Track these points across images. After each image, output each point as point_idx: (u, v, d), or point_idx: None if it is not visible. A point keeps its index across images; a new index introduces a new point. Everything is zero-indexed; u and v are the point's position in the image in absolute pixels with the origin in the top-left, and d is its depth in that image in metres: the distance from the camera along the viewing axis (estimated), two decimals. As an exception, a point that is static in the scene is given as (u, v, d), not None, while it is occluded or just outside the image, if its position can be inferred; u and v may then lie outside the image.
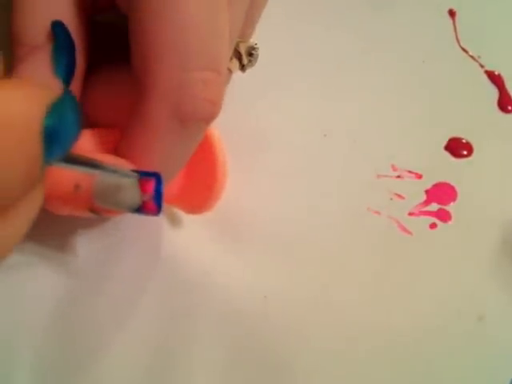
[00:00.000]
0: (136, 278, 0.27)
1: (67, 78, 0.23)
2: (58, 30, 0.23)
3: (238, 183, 0.28)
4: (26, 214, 0.17)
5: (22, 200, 0.17)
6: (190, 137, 0.23)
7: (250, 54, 0.27)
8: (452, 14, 0.33)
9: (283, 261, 0.28)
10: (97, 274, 0.27)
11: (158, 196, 0.21)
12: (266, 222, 0.29)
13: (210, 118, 0.23)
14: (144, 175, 0.22)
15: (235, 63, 0.27)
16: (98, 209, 0.23)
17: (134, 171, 0.22)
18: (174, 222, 0.28)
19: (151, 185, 0.21)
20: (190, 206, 0.27)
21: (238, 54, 0.27)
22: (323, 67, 0.32)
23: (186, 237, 0.28)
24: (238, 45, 0.27)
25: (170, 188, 0.25)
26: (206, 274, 0.28)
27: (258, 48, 0.27)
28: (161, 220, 0.28)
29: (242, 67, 0.27)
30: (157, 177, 0.21)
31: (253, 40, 0.28)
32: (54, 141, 0.16)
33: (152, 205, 0.21)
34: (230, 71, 0.27)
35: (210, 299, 0.27)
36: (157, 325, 0.27)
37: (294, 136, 0.30)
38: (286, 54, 0.32)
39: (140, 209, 0.22)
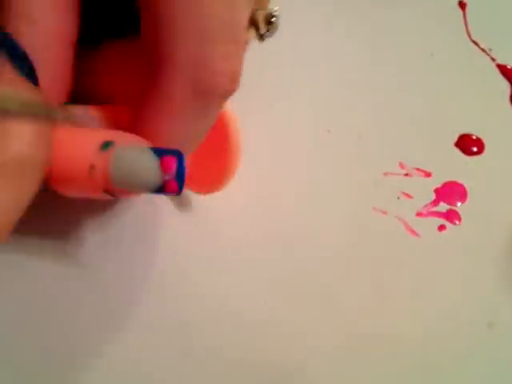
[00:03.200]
0: (131, 278, 0.27)
1: None
2: None
3: (237, 180, 0.27)
4: None
5: None
6: (208, 112, 0.23)
7: (269, 23, 0.25)
8: (462, 5, 0.33)
9: (284, 263, 0.28)
10: (91, 269, 0.27)
11: (181, 175, 0.20)
12: (266, 221, 0.28)
13: (228, 92, 0.22)
14: (165, 153, 0.21)
15: (252, 33, 0.25)
16: (113, 190, 0.21)
17: (153, 149, 0.21)
18: (170, 221, 0.28)
19: (173, 163, 0.20)
20: (201, 184, 0.26)
21: (254, 22, 0.25)
22: (328, 60, 0.31)
23: (183, 236, 0.28)
24: (254, 12, 0.25)
25: None
26: (204, 275, 0.27)
27: (278, 15, 0.25)
28: (157, 221, 0.28)
29: (261, 37, 0.26)
30: (178, 154, 0.20)
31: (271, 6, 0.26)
32: None
33: (174, 184, 0.21)
34: (247, 42, 0.25)
35: (207, 302, 0.27)
36: (153, 327, 0.26)
37: (297, 131, 0.30)
38: (289, 48, 0.31)
39: (161, 189, 0.21)
